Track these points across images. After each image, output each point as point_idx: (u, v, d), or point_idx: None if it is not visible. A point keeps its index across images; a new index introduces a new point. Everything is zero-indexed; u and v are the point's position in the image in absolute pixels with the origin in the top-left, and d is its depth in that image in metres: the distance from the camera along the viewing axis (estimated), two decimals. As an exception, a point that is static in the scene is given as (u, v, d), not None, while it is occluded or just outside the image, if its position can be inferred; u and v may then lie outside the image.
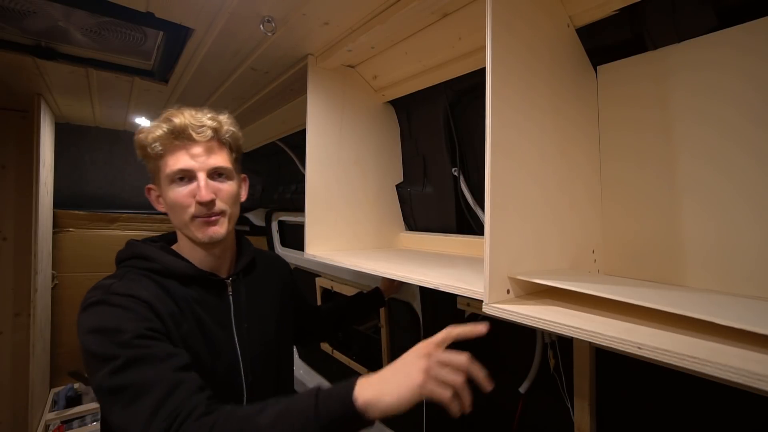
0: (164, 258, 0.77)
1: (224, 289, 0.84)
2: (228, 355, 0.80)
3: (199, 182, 0.76)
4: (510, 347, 1.15)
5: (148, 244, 0.81)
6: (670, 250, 0.71)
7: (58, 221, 2.10)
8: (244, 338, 0.84)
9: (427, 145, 1.25)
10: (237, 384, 0.81)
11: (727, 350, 0.41)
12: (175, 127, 0.75)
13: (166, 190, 0.77)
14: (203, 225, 0.78)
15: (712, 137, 0.66)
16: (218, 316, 0.81)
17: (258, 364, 0.85)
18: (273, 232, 2.52)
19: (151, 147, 0.76)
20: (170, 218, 0.81)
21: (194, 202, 0.76)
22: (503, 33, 0.60)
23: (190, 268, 0.79)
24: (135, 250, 0.79)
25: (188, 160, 0.76)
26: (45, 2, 0.94)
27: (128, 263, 0.78)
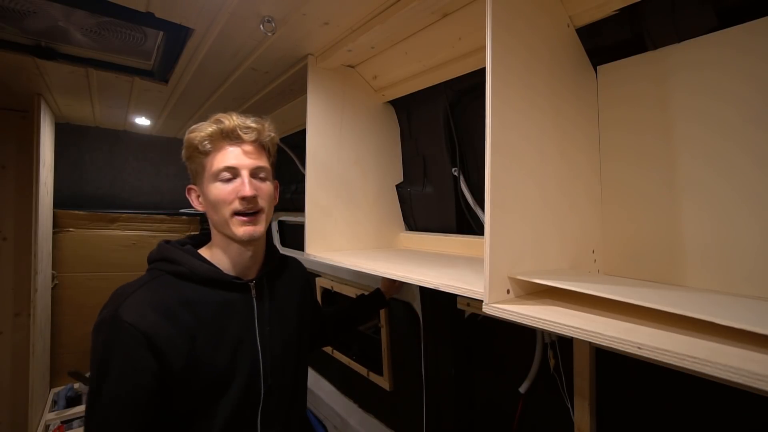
0: (190, 262, 0.80)
1: (248, 292, 0.86)
2: (250, 357, 0.82)
3: (243, 179, 0.80)
4: (510, 347, 1.15)
5: (177, 247, 0.84)
6: (669, 250, 0.71)
7: (58, 221, 2.10)
8: (266, 341, 0.85)
9: (427, 145, 1.25)
10: (256, 386, 0.83)
11: (727, 350, 0.41)
12: (224, 127, 0.81)
13: (209, 187, 0.81)
14: (243, 223, 0.81)
15: (712, 137, 0.66)
16: (242, 318, 0.83)
17: (278, 368, 0.87)
18: (273, 232, 2.52)
19: (201, 144, 0.80)
20: (210, 217, 0.84)
21: (236, 199, 0.80)
22: (503, 33, 0.60)
23: (215, 272, 0.82)
24: (164, 253, 0.82)
25: (234, 158, 0.81)
26: (45, 2, 0.94)
27: (156, 265, 0.82)
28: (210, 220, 0.85)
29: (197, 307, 0.77)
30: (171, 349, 0.72)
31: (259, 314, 0.86)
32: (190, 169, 0.86)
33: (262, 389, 0.83)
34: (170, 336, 0.72)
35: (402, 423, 1.57)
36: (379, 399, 1.70)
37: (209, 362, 0.76)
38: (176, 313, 0.74)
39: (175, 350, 0.72)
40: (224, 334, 0.79)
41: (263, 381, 0.84)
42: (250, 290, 0.86)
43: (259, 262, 0.90)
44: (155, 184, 2.64)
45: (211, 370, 0.76)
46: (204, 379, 0.76)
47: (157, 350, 0.71)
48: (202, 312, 0.77)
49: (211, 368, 0.76)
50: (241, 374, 0.80)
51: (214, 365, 0.77)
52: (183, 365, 0.73)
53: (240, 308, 0.84)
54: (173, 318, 0.74)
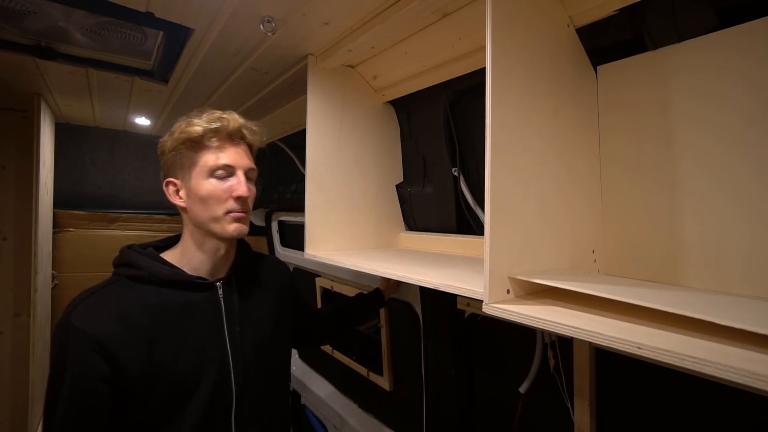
0: (150, 265, 0.79)
1: (215, 292, 0.84)
2: (218, 358, 0.81)
3: (239, 179, 0.81)
4: (510, 347, 1.15)
5: (136, 251, 0.82)
6: (669, 251, 0.71)
7: (58, 221, 2.10)
8: (237, 341, 0.84)
9: (427, 145, 1.25)
10: (226, 388, 0.81)
11: (727, 350, 0.41)
12: (230, 126, 0.81)
13: (201, 182, 0.79)
14: (234, 220, 0.81)
15: (710, 141, 0.66)
16: (208, 319, 0.82)
17: (251, 368, 0.85)
18: (273, 232, 2.52)
19: (207, 139, 0.80)
20: (193, 212, 0.81)
21: (231, 198, 0.80)
22: (503, 36, 0.60)
23: (176, 273, 0.80)
24: (123, 258, 0.82)
25: (232, 157, 0.81)
26: (45, 2, 0.94)
27: (118, 271, 0.81)
28: (190, 216, 0.82)
29: (157, 310, 0.76)
30: (125, 354, 0.70)
31: (227, 314, 0.84)
32: (171, 162, 0.83)
33: (234, 391, 0.81)
34: (124, 340, 0.71)
35: (402, 423, 1.57)
36: (379, 399, 1.70)
37: (172, 365, 0.74)
38: (132, 317, 0.73)
39: (130, 354, 0.71)
40: (188, 336, 0.78)
41: (234, 382, 0.81)
42: (218, 290, 0.84)
43: (230, 260, 0.89)
44: (155, 184, 2.64)
45: (175, 373, 0.74)
46: (167, 384, 0.74)
47: (108, 355, 0.69)
48: (163, 315, 0.76)
49: (174, 372, 0.74)
50: (208, 377, 0.78)
51: (177, 368, 0.75)
52: (141, 370, 0.71)
53: (206, 309, 0.82)
54: (128, 322, 0.72)
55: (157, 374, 0.73)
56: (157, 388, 0.73)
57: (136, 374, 0.71)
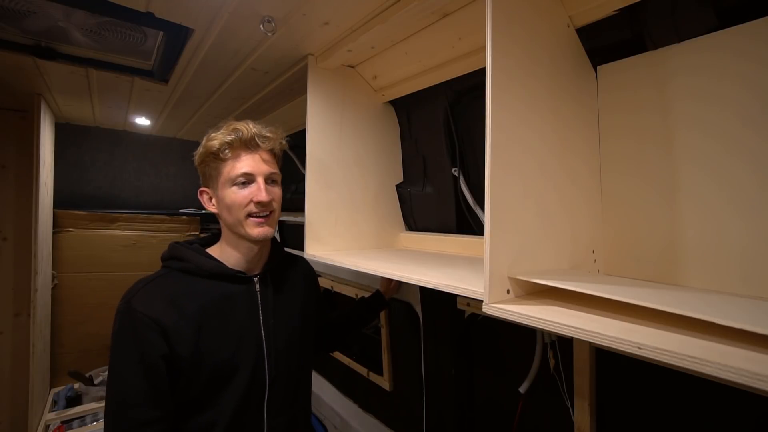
0: (196, 258, 0.86)
1: (252, 286, 0.90)
2: (254, 348, 0.86)
3: (259, 185, 0.86)
4: (510, 347, 1.15)
5: (184, 246, 0.90)
6: (668, 251, 0.72)
7: (58, 221, 2.10)
8: (270, 333, 0.89)
9: (427, 145, 1.25)
10: (260, 377, 0.86)
11: (727, 350, 0.41)
12: (243, 136, 0.85)
13: (225, 191, 0.86)
14: (257, 224, 0.86)
15: (710, 142, 0.66)
16: (246, 310, 0.88)
17: (282, 360, 0.90)
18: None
19: (222, 152, 0.85)
20: (223, 218, 0.89)
21: (251, 203, 0.85)
22: (503, 34, 0.60)
23: (219, 267, 0.87)
24: (173, 252, 0.89)
25: (250, 165, 0.86)
26: (45, 2, 0.94)
27: (167, 263, 0.88)
28: (222, 221, 0.90)
29: (203, 299, 0.82)
30: (178, 336, 0.77)
31: (263, 306, 0.90)
32: (202, 173, 0.91)
33: (267, 380, 0.87)
34: (177, 324, 0.77)
35: (402, 423, 1.57)
36: (379, 399, 1.70)
37: (215, 351, 0.80)
38: (183, 304, 0.80)
39: (183, 337, 0.77)
40: (229, 324, 0.84)
41: (268, 372, 0.87)
42: (255, 284, 0.91)
43: (265, 258, 0.95)
44: (155, 184, 2.65)
45: (217, 359, 0.80)
46: (210, 368, 0.80)
47: (166, 335, 0.76)
48: (208, 304, 0.82)
49: (217, 357, 0.80)
50: (246, 364, 0.84)
51: (220, 354, 0.81)
52: (190, 352, 0.78)
53: (244, 301, 0.88)
54: (180, 308, 0.79)
55: (202, 359, 0.79)
56: (202, 371, 0.79)
57: (185, 357, 0.77)
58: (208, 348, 0.80)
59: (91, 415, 1.84)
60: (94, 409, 1.86)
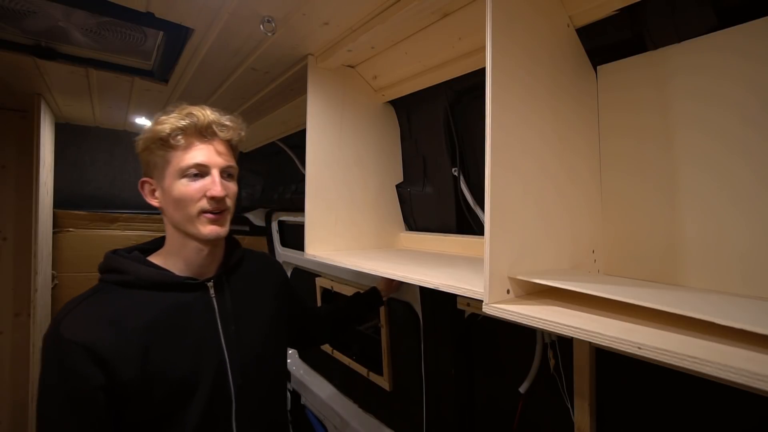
0: (136, 269, 0.77)
1: (206, 292, 0.82)
2: (215, 359, 0.79)
3: (213, 178, 0.77)
4: (510, 347, 1.15)
5: (122, 255, 0.80)
6: (669, 251, 0.71)
7: (58, 221, 2.10)
8: (232, 341, 0.82)
9: (427, 145, 1.25)
10: (224, 389, 0.80)
11: (727, 350, 0.41)
12: (199, 123, 0.77)
13: (174, 183, 0.77)
14: (210, 222, 0.78)
15: (709, 141, 0.66)
16: (202, 319, 0.80)
17: (250, 368, 0.84)
18: (273, 232, 2.52)
19: (173, 138, 0.75)
20: (168, 213, 0.79)
21: (204, 198, 0.77)
22: (503, 34, 0.60)
23: (164, 275, 0.78)
24: (109, 264, 0.79)
25: (206, 156, 0.77)
26: (45, 2, 0.94)
27: (104, 277, 0.79)
28: (167, 217, 0.80)
29: (147, 315, 0.74)
30: (119, 361, 0.69)
31: (221, 314, 0.82)
32: (146, 161, 0.80)
33: (233, 391, 0.80)
34: (117, 347, 0.69)
35: (402, 423, 1.57)
36: (379, 399, 1.70)
37: (168, 370, 0.73)
38: (123, 324, 0.71)
39: (124, 361, 0.69)
40: (182, 338, 0.76)
41: (232, 382, 0.80)
42: (209, 290, 0.83)
43: (219, 259, 0.87)
44: (155, 184, 2.64)
45: (172, 377, 0.73)
46: (165, 388, 0.73)
47: (102, 363, 0.68)
48: (155, 319, 0.74)
49: (171, 376, 0.73)
50: (206, 377, 0.77)
51: (174, 372, 0.74)
52: (137, 376, 0.70)
53: (199, 310, 0.80)
54: (120, 327, 0.71)
55: (154, 379, 0.72)
56: (155, 392, 0.72)
57: (132, 381, 0.69)
58: (160, 368, 0.72)
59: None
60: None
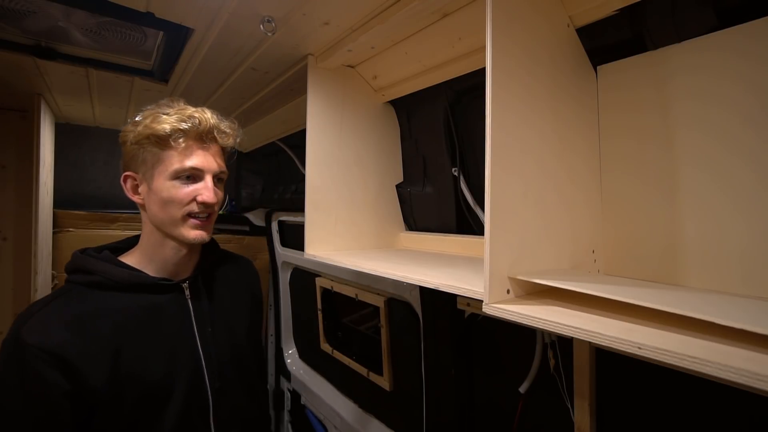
0: (106, 269, 0.74)
1: (181, 293, 0.81)
2: (190, 361, 0.78)
3: (206, 183, 0.77)
4: (510, 347, 1.15)
5: (91, 255, 0.77)
6: (669, 251, 0.71)
7: (58, 221, 2.09)
8: (209, 342, 0.81)
9: (427, 145, 1.25)
10: (201, 391, 0.78)
11: (727, 350, 0.41)
12: (201, 127, 0.76)
13: (163, 183, 0.75)
14: (195, 226, 0.77)
15: (709, 141, 0.66)
16: (176, 321, 0.79)
17: (227, 369, 0.82)
18: (273, 232, 2.52)
19: (174, 140, 0.74)
20: (151, 212, 0.77)
21: (193, 201, 0.76)
22: (503, 34, 0.60)
23: (136, 276, 0.76)
24: (77, 263, 0.76)
25: (203, 161, 0.77)
26: (45, 2, 0.94)
27: (71, 278, 0.76)
28: (149, 215, 0.78)
29: (118, 317, 0.71)
30: (86, 366, 0.66)
31: (196, 315, 0.81)
32: (132, 154, 0.77)
33: (210, 394, 0.79)
34: (84, 352, 0.66)
35: (402, 423, 1.57)
36: (379, 399, 1.70)
37: (141, 374, 0.71)
38: (91, 327, 0.69)
39: (92, 366, 0.66)
40: (156, 341, 0.74)
41: (210, 385, 0.79)
42: (184, 291, 0.81)
43: (195, 260, 0.86)
44: (155, 184, 2.64)
45: (145, 382, 0.71)
46: (138, 393, 0.70)
47: (67, 368, 0.64)
48: (126, 322, 0.72)
49: (144, 380, 0.71)
50: (181, 381, 0.75)
51: (148, 376, 0.72)
52: (106, 381, 0.67)
53: (173, 311, 0.78)
54: (87, 332, 0.68)
55: (125, 384, 0.69)
56: (128, 398, 0.70)
57: (100, 387, 0.67)
58: (132, 371, 0.70)
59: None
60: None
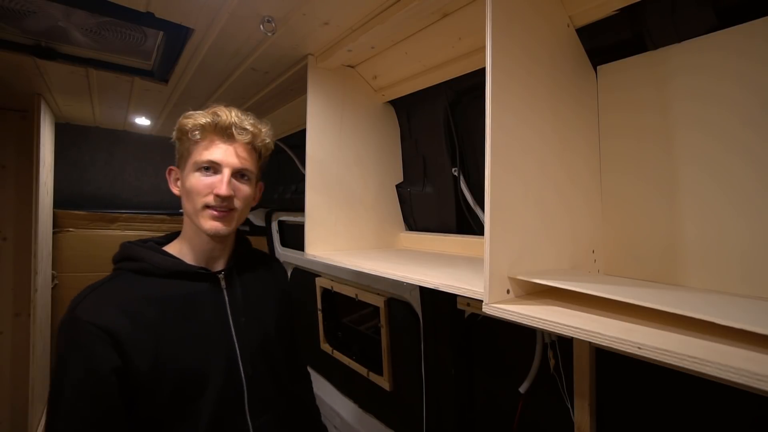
0: (152, 257, 0.80)
1: (217, 284, 0.85)
2: (225, 348, 0.81)
3: (222, 177, 0.80)
4: (510, 347, 1.15)
5: (137, 244, 0.83)
6: (669, 251, 0.72)
7: (58, 221, 2.10)
8: (242, 332, 0.85)
9: (427, 145, 1.25)
10: (236, 378, 0.82)
11: (727, 350, 0.41)
12: (219, 122, 0.81)
13: (189, 175, 0.81)
14: (212, 217, 0.80)
15: (709, 141, 0.66)
16: (214, 310, 0.83)
17: (258, 358, 0.86)
18: (273, 232, 2.52)
19: (191, 132, 0.80)
20: (183, 202, 0.84)
21: (211, 194, 0.80)
22: (503, 34, 0.60)
23: (178, 264, 0.81)
24: (125, 252, 0.82)
25: (219, 154, 0.81)
26: (45, 2, 0.94)
27: (119, 265, 0.81)
28: (183, 206, 0.85)
29: (162, 304, 0.76)
30: (134, 349, 0.70)
31: (231, 305, 0.85)
32: (177, 151, 0.87)
33: (244, 380, 0.82)
34: (133, 334, 0.70)
35: (402, 423, 1.57)
36: (379, 399, 1.70)
37: (180, 360, 0.74)
38: (138, 311, 0.72)
39: (139, 349, 0.70)
40: (194, 328, 0.78)
41: (243, 371, 0.82)
42: (219, 281, 0.85)
43: (228, 253, 0.90)
44: (155, 184, 2.64)
45: (183, 368, 0.74)
46: (175, 379, 0.73)
47: (118, 346, 0.68)
48: (168, 308, 0.76)
49: (182, 365, 0.74)
50: (218, 368, 0.78)
51: (185, 362, 0.75)
52: (150, 364, 0.70)
53: (210, 300, 0.82)
54: (134, 316, 0.72)
55: (166, 370, 0.72)
56: (167, 383, 0.72)
57: (144, 370, 0.70)
58: (171, 357, 0.73)
59: (91, 415, 1.83)
60: (94, 409, 1.85)
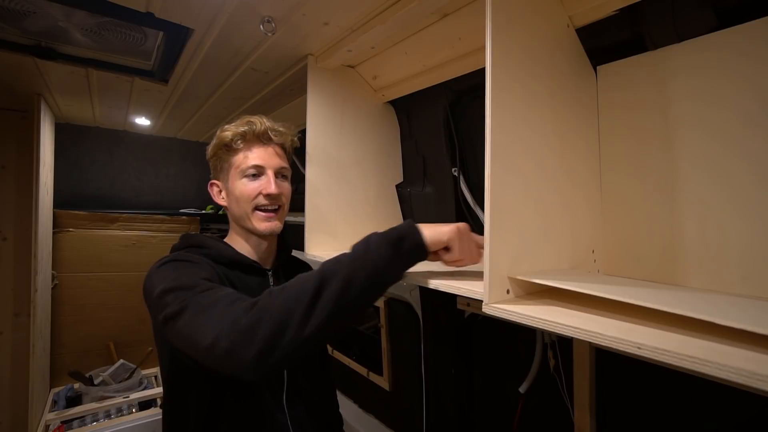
0: (216, 245, 0.87)
1: (267, 279, 0.92)
2: None
3: (269, 177, 0.87)
4: (510, 347, 1.15)
5: (202, 235, 0.91)
6: (668, 251, 0.72)
7: (58, 221, 2.09)
8: None
9: (427, 145, 1.25)
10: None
11: (727, 350, 0.41)
12: (256, 128, 0.88)
13: (235, 182, 0.87)
14: (265, 218, 0.87)
15: (709, 141, 0.66)
16: None
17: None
18: (273, 232, 2.52)
19: (234, 143, 0.87)
20: (231, 211, 0.90)
21: (260, 195, 0.86)
22: (503, 34, 0.60)
23: (239, 255, 0.88)
24: (190, 240, 0.88)
25: (262, 158, 0.87)
26: (45, 2, 0.94)
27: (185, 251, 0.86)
28: (231, 214, 0.91)
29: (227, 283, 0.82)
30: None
31: None
32: (213, 166, 0.93)
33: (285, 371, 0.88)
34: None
35: (402, 423, 1.57)
36: (379, 399, 1.70)
37: None
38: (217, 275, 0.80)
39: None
40: None
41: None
42: (269, 277, 0.92)
43: (273, 253, 0.97)
44: (155, 184, 2.64)
45: None
46: None
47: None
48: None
49: None
50: None
51: None
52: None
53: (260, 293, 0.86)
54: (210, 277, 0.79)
55: None
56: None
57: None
58: None
59: (91, 416, 1.83)
60: (95, 409, 1.85)
